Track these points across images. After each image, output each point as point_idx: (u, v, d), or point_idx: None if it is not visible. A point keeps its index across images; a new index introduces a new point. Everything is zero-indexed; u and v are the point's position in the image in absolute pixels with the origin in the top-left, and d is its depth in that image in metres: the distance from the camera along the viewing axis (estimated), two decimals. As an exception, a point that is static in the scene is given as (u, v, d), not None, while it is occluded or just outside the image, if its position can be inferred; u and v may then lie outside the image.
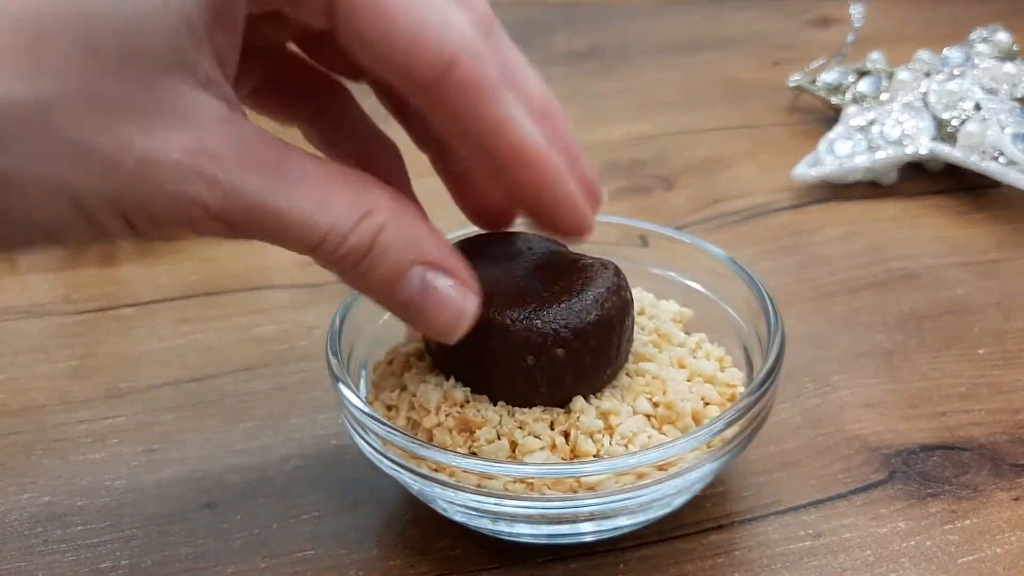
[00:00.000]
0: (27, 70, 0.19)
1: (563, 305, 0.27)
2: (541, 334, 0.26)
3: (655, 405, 0.28)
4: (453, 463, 0.26)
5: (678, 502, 0.29)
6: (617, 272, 0.28)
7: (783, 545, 0.30)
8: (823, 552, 0.29)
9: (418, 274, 0.24)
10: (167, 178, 0.21)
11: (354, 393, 0.28)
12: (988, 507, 0.31)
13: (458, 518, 0.29)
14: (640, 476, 0.26)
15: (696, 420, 0.28)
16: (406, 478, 0.27)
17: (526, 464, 0.26)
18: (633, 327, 0.29)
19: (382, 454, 0.28)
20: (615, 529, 0.29)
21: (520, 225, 0.29)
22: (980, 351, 0.37)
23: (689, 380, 0.29)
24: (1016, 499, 0.31)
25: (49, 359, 0.39)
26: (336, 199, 0.23)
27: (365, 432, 0.28)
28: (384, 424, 0.27)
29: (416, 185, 0.28)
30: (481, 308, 0.25)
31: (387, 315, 0.33)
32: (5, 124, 0.19)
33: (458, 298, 0.24)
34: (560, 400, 0.28)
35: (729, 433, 0.27)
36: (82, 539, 0.31)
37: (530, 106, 0.24)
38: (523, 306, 0.27)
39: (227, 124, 0.21)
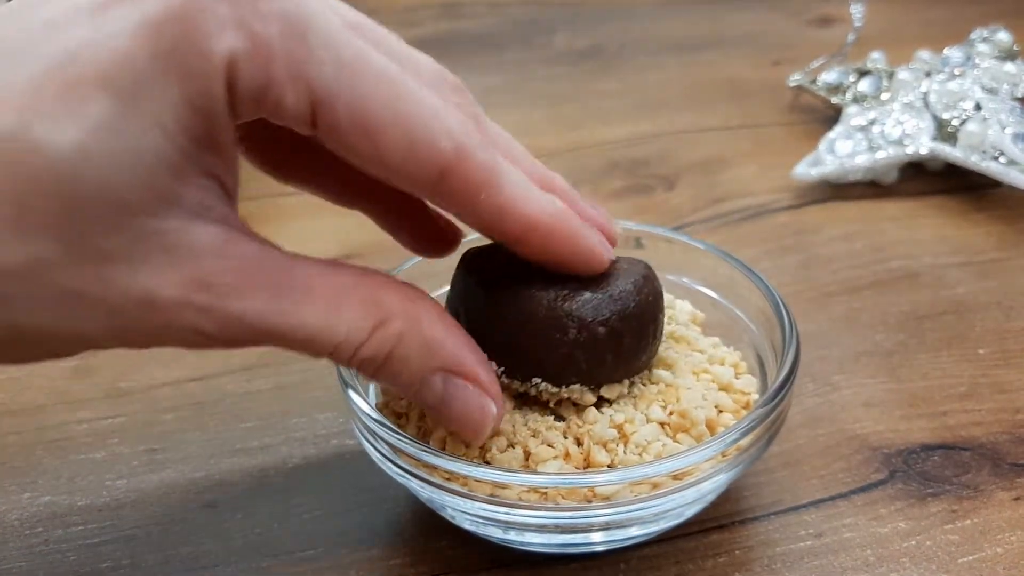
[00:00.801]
0: (16, 235, 0.20)
1: (604, 288, 0.27)
2: (584, 310, 0.26)
3: (669, 413, 0.28)
4: (466, 472, 0.26)
5: (691, 512, 0.29)
6: (647, 266, 0.29)
7: (784, 545, 0.30)
8: (824, 552, 0.29)
9: (438, 381, 0.24)
10: (164, 315, 0.21)
11: (364, 400, 0.28)
12: (989, 507, 0.31)
13: (467, 526, 0.28)
14: (655, 486, 0.26)
15: (710, 428, 0.28)
16: (416, 486, 0.27)
17: (539, 474, 0.26)
18: (663, 320, 0.29)
19: (392, 462, 0.27)
20: (627, 539, 0.28)
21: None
22: (981, 351, 0.37)
23: (704, 386, 0.29)
24: (1017, 499, 0.31)
25: (49, 359, 0.39)
26: (348, 310, 0.23)
27: (375, 439, 0.28)
28: (395, 432, 0.27)
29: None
30: (502, 408, 0.26)
31: None
32: (4, 284, 0.20)
33: (478, 405, 0.25)
34: (598, 381, 0.27)
35: (745, 442, 0.27)
36: (83, 539, 0.31)
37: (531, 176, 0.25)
38: (564, 287, 0.27)
39: (222, 250, 0.21)
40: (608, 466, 0.26)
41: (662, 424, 0.28)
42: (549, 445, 0.27)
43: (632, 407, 0.28)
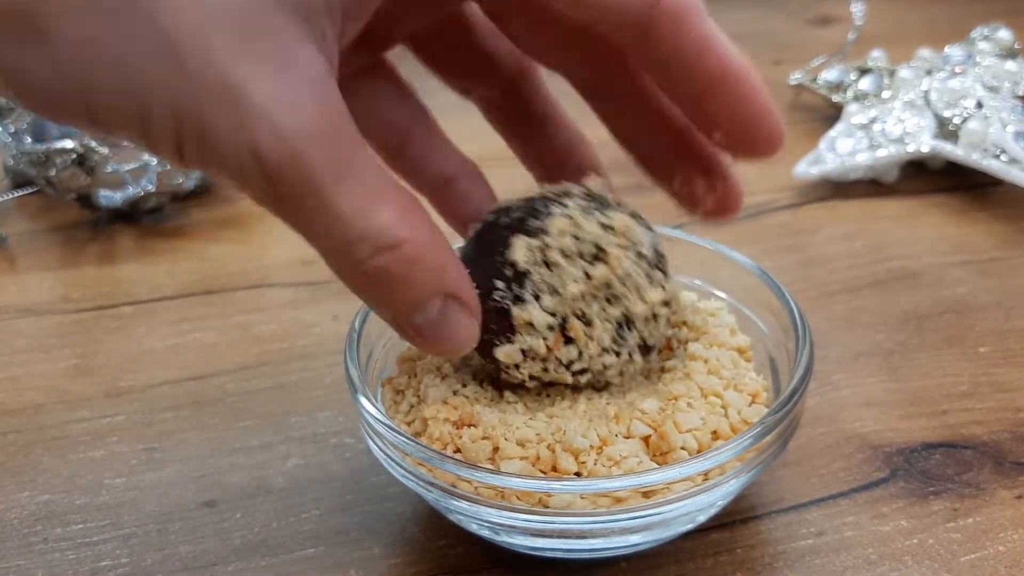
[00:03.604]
0: None
1: None
2: None
3: (653, 430, 0.27)
4: (432, 463, 0.26)
5: (684, 526, 0.28)
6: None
7: (785, 543, 0.30)
8: (825, 550, 0.29)
9: (436, 305, 0.23)
10: (238, 116, 0.20)
11: (374, 405, 0.28)
12: (990, 505, 0.30)
13: (473, 528, 0.28)
14: (618, 500, 0.25)
15: (701, 451, 0.27)
16: (421, 489, 0.27)
17: (501, 474, 0.26)
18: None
19: (400, 465, 0.27)
20: (631, 545, 0.28)
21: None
22: (981, 350, 0.37)
23: (708, 409, 0.28)
24: (1018, 497, 0.31)
25: (48, 358, 0.39)
26: (385, 209, 0.22)
27: (384, 443, 0.28)
28: (400, 434, 0.27)
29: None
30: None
31: None
32: None
33: (468, 326, 0.24)
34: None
35: (723, 468, 0.26)
36: (82, 537, 0.31)
37: None
38: None
39: (319, 87, 0.21)
40: (576, 474, 0.26)
41: (646, 440, 0.27)
42: (520, 444, 0.26)
43: (615, 421, 0.27)
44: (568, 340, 0.27)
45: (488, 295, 0.26)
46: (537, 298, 0.26)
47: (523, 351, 0.26)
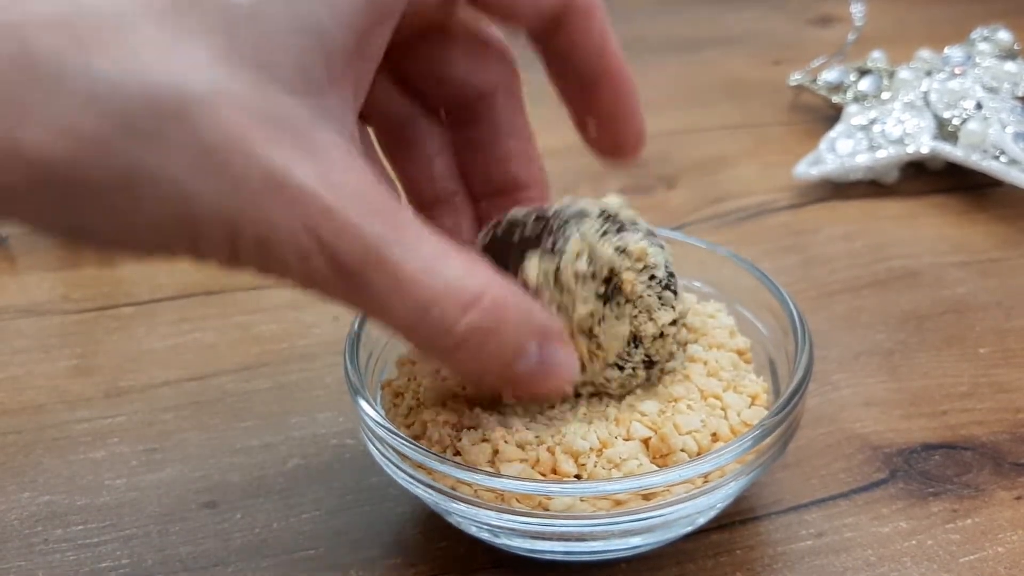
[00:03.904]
0: (168, 62, 0.18)
1: None
2: None
3: (653, 432, 0.27)
4: (431, 466, 0.26)
5: (684, 527, 0.28)
6: None
7: (784, 544, 0.30)
8: (825, 551, 0.29)
9: (534, 346, 0.23)
10: (288, 201, 0.19)
11: (373, 408, 0.28)
12: (990, 506, 0.31)
13: (473, 531, 0.28)
14: (618, 503, 0.25)
15: (701, 453, 0.27)
16: (421, 492, 0.27)
17: (502, 476, 0.26)
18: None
19: (399, 468, 0.27)
20: (632, 548, 0.28)
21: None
22: (981, 350, 0.37)
23: (708, 411, 0.28)
24: (1018, 498, 0.31)
25: (49, 358, 0.39)
26: (452, 263, 0.21)
27: (383, 446, 0.28)
28: (399, 437, 0.27)
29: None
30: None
31: None
32: (144, 113, 0.18)
33: (567, 356, 0.24)
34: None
35: (723, 470, 0.26)
36: (82, 538, 0.31)
37: None
38: None
39: (348, 161, 0.20)
40: (576, 477, 0.26)
41: (646, 442, 0.27)
42: (519, 447, 0.26)
43: (615, 423, 0.27)
44: None
45: None
46: None
47: None
